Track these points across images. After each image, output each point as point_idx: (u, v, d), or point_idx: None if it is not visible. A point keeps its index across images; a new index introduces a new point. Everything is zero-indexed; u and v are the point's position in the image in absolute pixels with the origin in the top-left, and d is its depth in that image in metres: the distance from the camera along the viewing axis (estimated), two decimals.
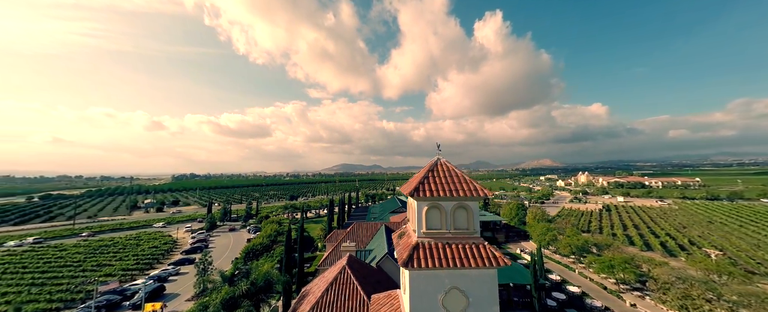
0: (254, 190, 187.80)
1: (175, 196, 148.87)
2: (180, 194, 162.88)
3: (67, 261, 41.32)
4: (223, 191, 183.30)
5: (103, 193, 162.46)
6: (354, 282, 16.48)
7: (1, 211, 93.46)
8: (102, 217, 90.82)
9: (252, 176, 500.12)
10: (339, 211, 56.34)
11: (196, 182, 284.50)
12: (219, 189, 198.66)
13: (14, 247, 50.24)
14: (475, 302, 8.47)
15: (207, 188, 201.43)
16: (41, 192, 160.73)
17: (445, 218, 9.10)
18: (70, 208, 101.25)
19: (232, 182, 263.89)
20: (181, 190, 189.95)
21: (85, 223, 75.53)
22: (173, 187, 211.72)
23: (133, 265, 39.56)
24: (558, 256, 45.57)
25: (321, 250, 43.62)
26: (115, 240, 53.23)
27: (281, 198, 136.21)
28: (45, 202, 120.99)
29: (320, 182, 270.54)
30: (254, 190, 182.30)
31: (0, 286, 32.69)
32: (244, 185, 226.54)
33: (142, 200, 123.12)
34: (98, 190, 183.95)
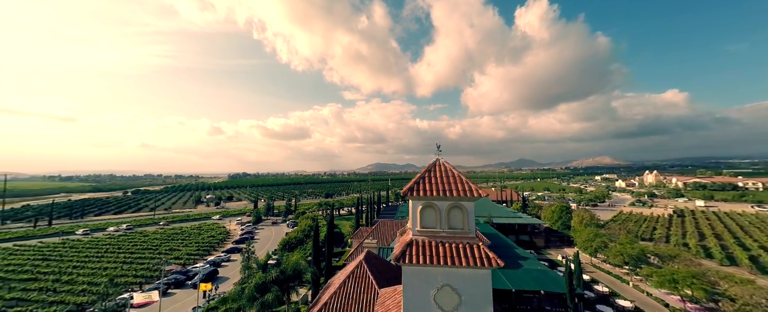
0: (294, 188, 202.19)
1: (230, 192, 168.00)
2: (234, 191, 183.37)
3: (148, 245, 50.09)
4: (268, 189, 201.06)
5: (176, 189, 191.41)
6: (369, 276, 17.28)
7: (105, 203, 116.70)
8: (174, 209, 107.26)
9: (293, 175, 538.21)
10: (367, 209, 58.01)
11: (247, 180, 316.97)
12: (265, 186, 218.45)
13: (113, 232, 62.60)
14: (467, 300, 8.54)
15: (255, 186, 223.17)
16: (133, 188, 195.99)
17: (439, 217, 9.29)
18: (152, 202, 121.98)
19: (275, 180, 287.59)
20: (235, 187, 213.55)
21: (162, 215, 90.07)
22: (229, 184, 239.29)
23: (195, 251, 46.26)
24: (609, 266, 40.67)
25: (350, 245, 45.64)
26: (183, 229, 62.66)
27: (318, 195, 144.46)
28: (135, 197, 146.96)
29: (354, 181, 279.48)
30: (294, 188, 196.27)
31: (102, 261, 41.30)
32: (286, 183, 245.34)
33: (204, 196, 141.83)
34: (172, 186, 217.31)
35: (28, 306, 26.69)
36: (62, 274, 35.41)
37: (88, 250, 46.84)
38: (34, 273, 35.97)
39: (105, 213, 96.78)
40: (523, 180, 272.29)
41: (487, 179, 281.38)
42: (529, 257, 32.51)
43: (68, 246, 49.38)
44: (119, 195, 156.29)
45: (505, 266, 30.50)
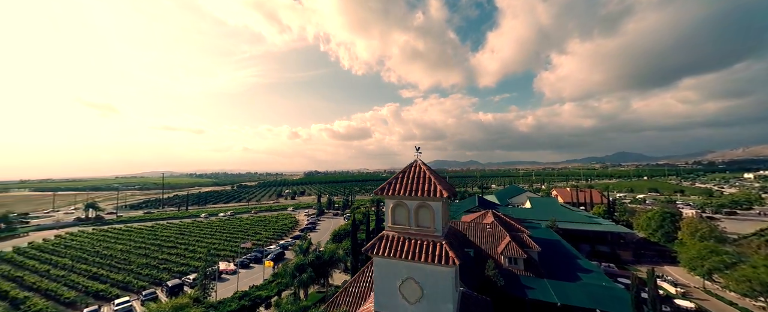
0: (356, 184, 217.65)
1: (303, 188, 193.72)
2: (306, 187, 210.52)
3: (242, 228, 63.62)
4: (333, 185, 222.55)
5: (266, 185, 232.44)
6: None
7: (219, 194, 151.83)
8: (263, 201, 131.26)
9: (356, 173, 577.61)
10: None
11: (317, 177, 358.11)
12: (331, 183, 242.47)
13: (222, 217, 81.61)
14: (429, 295, 8.90)
15: (323, 182, 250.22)
16: (237, 183, 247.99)
17: (409, 215, 9.82)
18: (248, 194, 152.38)
19: (340, 177, 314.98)
20: (307, 183, 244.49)
21: (254, 205, 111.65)
22: (303, 181, 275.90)
23: (272, 235, 56.37)
24: (733, 294, 30.38)
25: None
26: (266, 217, 76.68)
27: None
28: (238, 190, 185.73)
29: None
30: (356, 185, 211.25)
31: (213, 237, 54.81)
32: (349, 180, 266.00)
33: (283, 191, 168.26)
34: (263, 182, 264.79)
35: (169, 265, 38.46)
36: (189, 245, 49.02)
37: (207, 229, 62.84)
38: (175, 242, 50.92)
39: (219, 202, 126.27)
40: (620, 178, 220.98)
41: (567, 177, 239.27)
42: (595, 271, 27.51)
43: (195, 225, 67.30)
44: (229, 189, 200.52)
45: (559, 278, 26.83)
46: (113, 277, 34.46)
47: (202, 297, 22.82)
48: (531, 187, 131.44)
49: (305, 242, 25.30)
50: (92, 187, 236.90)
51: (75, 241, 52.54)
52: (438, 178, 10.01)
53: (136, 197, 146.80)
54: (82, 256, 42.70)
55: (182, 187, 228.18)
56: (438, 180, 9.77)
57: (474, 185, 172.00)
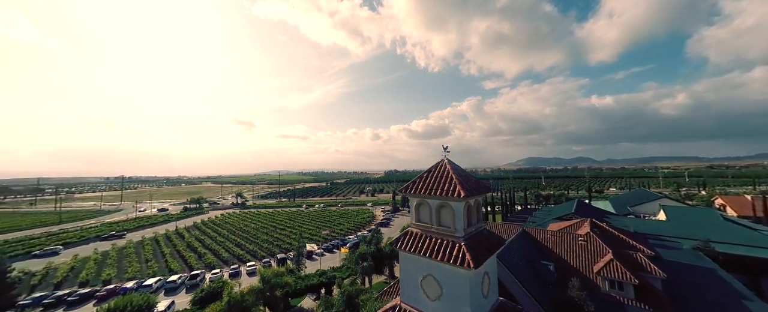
0: None
1: (383, 186, 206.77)
2: (385, 185, 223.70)
3: (329, 218, 74.68)
4: None
5: (352, 182, 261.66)
6: None
7: (316, 190, 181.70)
8: (349, 196, 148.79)
9: None
10: (502, 209, 53.33)
11: (396, 176, 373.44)
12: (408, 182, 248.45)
13: (317, 208, 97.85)
14: (447, 294, 8.75)
15: (402, 181, 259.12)
16: (330, 181, 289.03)
17: (430, 214, 9.86)
18: (338, 190, 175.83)
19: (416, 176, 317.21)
20: (387, 181, 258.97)
21: (341, 200, 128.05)
22: (383, 179, 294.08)
23: (352, 227, 63.73)
24: None
25: None
26: (349, 211, 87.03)
27: None
28: (331, 187, 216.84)
29: (493, 178, 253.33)
30: None
31: (310, 224, 66.84)
32: None
33: (365, 188, 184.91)
34: (350, 180, 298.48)
35: (279, 242, 49.83)
36: (294, 229, 61.70)
37: (305, 217, 77.22)
38: (284, 225, 65.13)
39: (316, 196, 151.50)
40: None
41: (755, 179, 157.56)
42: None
43: (298, 213, 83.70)
44: (324, 185, 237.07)
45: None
46: (247, 246, 47.72)
47: (296, 270, 28.87)
48: (677, 193, 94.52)
49: (369, 235, 27.92)
50: (240, 181, 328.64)
51: (230, 219, 75.16)
52: (461, 179, 9.66)
53: (264, 190, 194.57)
54: (231, 229, 60.83)
55: (292, 183, 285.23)
56: (460, 180, 9.45)
57: (579, 187, 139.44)
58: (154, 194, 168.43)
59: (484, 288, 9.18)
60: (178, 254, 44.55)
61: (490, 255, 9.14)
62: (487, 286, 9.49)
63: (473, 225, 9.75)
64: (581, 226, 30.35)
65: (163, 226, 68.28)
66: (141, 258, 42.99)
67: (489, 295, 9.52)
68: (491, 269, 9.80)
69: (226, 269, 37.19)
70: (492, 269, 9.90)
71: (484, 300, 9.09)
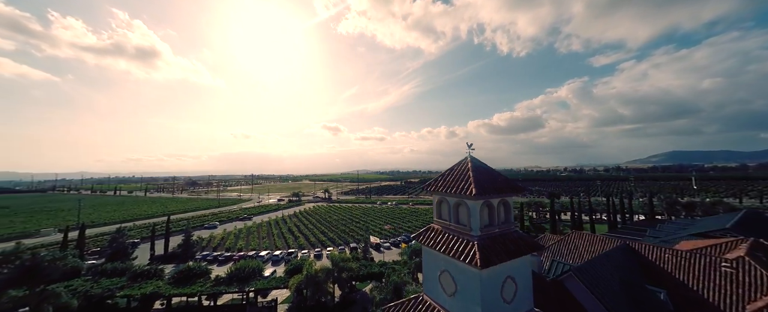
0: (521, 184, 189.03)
1: None
2: None
3: (399, 215, 77.80)
4: None
5: (425, 181, 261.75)
6: None
7: (390, 188, 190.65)
8: (421, 195, 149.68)
9: (522, 171, 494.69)
10: (609, 217, 43.44)
11: None
12: None
13: (390, 205, 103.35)
14: (461, 291, 8.71)
15: None
16: (405, 179, 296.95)
17: (449, 211, 9.87)
18: (411, 189, 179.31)
19: None
20: None
21: (412, 199, 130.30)
22: None
23: (419, 225, 64.62)
24: None
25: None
26: (418, 209, 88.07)
27: (541, 194, 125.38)
28: (405, 185, 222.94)
29: (610, 179, 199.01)
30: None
31: (381, 220, 71.77)
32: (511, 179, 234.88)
33: None
34: (424, 179, 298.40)
35: (353, 233, 56.02)
36: (366, 223, 67.84)
37: (377, 213, 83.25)
38: (359, 218, 72.36)
39: (390, 194, 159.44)
40: None
41: None
42: None
43: (372, 209, 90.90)
44: (398, 184, 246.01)
45: None
46: (329, 234, 55.95)
47: (362, 258, 32.37)
48: None
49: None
50: (329, 179, 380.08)
51: (318, 210, 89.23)
52: (479, 178, 9.35)
53: (347, 187, 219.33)
54: (319, 219, 72.28)
55: (370, 181, 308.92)
56: (476, 179, 9.19)
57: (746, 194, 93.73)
58: (270, 188, 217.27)
59: (505, 293, 8.73)
60: (281, 236, 56.84)
61: (510, 258, 8.61)
62: (512, 293, 8.94)
63: (495, 225, 9.37)
64: (734, 248, 21.97)
65: (274, 213, 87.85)
66: (259, 235, 57.17)
67: (514, 303, 8.93)
68: (519, 275, 9.15)
69: (312, 251, 45.03)
70: (522, 276, 9.20)
71: (505, 306, 8.67)
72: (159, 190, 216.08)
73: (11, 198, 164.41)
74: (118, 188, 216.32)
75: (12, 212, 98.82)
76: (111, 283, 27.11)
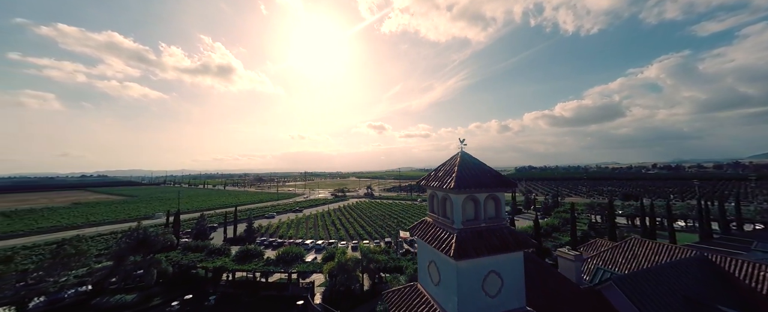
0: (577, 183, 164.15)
1: None
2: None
3: None
4: (548, 183, 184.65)
5: None
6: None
7: None
8: None
9: (594, 168, 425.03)
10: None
11: (530, 173, 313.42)
12: (545, 180, 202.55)
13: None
14: (443, 281, 9.08)
15: (536, 179, 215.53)
16: None
17: (437, 205, 10.17)
18: None
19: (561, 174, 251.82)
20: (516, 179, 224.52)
21: None
22: (513, 176, 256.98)
23: None
24: None
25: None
26: None
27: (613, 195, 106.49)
28: None
29: (727, 178, 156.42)
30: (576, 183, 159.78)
31: (415, 217, 71.90)
32: (576, 178, 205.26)
33: None
34: None
35: (389, 228, 57.65)
36: (403, 219, 68.82)
37: (416, 209, 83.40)
38: (397, 215, 73.76)
39: None
40: None
41: None
42: None
43: (411, 206, 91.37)
44: None
45: None
46: (367, 228, 58.87)
47: (392, 251, 33.61)
48: None
49: None
50: (374, 176, 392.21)
51: (360, 206, 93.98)
52: (465, 173, 9.48)
53: (390, 184, 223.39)
54: (360, 214, 76.33)
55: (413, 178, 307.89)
56: (459, 174, 9.35)
57: None
58: (320, 185, 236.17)
59: (487, 286, 8.88)
60: (325, 227, 62.20)
61: (492, 253, 8.69)
62: (497, 288, 9.00)
63: (481, 220, 9.50)
64: None
65: (321, 207, 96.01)
66: (307, 226, 63.67)
67: (500, 298, 8.99)
68: (506, 271, 9.14)
69: (350, 242, 48.29)
70: (509, 272, 9.15)
71: (488, 299, 8.85)
72: (234, 185, 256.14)
73: (138, 189, 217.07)
74: (205, 183, 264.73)
75: (138, 200, 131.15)
76: (194, 256, 34.44)
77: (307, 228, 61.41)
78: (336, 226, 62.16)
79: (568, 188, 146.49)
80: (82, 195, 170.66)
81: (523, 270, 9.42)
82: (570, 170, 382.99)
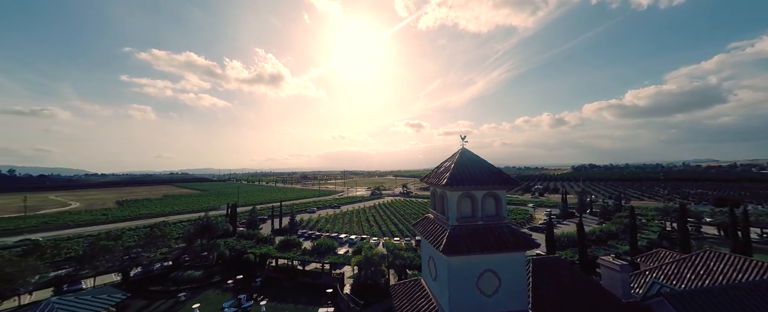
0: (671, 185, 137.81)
1: (562, 184, 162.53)
2: (567, 183, 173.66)
3: None
4: (613, 184, 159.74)
5: (521, 179, 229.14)
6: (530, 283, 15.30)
7: None
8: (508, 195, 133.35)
9: (679, 166, 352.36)
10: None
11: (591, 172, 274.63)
12: (610, 181, 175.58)
13: None
14: (439, 275, 9.18)
15: (598, 179, 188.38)
16: None
17: (436, 201, 10.26)
18: None
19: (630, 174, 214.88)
20: (571, 179, 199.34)
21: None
22: (566, 176, 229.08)
23: None
24: None
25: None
26: None
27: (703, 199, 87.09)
28: None
29: None
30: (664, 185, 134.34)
31: None
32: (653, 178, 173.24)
33: (534, 186, 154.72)
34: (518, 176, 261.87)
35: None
36: None
37: None
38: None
39: None
40: None
41: None
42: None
43: None
44: None
45: None
46: (399, 225, 59.55)
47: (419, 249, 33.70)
48: None
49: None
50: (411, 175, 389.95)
51: (395, 204, 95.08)
52: (461, 169, 9.44)
53: None
54: (394, 212, 77.42)
55: None
56: (454, 171, 9.34)
57: None
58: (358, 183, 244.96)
59: (483, 285, 8.89)
60: (359, 223, 64.85)
61: (486, 251, 8.65)
62: (494, 287, 8.93)
63: (479, 218, 9.48)
64: None
65: (358, 204, 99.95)
66: (343, 221, 67.26)
67: (497, 297, 8.92)
68: (505, 270, 9.03)
69: (382, 238, 49.61)
70: (508, 272, 9.01)
71: (484, 298, 8.88)
72: (283, 182, 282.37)
73: (209, 185, 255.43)
74: (259, 180, 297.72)
75: (208, 194, 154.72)
76: (246, 243, 39.71)
77: (343, 223, 64.84)
78: (369, 223, 64.27)
79: (640, 190, 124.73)
80: (170, 189, 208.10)
81: (525, 272, 9.01)
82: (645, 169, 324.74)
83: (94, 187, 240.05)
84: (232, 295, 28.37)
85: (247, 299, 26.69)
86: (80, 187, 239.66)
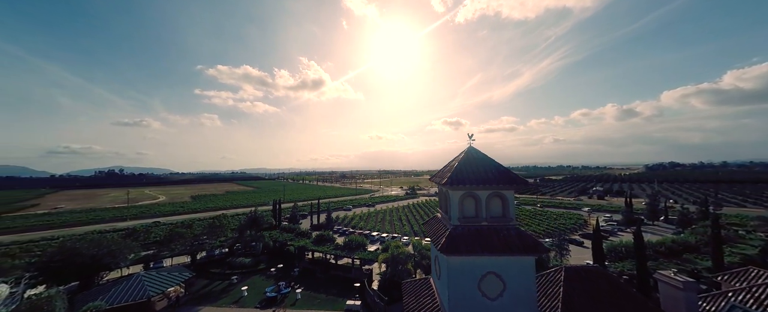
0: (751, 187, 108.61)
1: (631, 186, 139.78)
2: (637, 185, 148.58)
3: (522, 216, 67.40)
4: (709, 186, 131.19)
5: (575, 179, 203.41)
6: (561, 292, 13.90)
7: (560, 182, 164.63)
8: (558, 196, 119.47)
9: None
10: None
11: (672, 173, 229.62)
12: (697, 183, 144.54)
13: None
14: (442, 275, 9.09)
15: (679, 181, 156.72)
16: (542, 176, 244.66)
17: (440, 200, 10.12)
18: (546, 188, 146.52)
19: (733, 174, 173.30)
20: (643, 181, 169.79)
21: (541, 199, 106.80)
22: (638, 177, 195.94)
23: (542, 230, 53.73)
24: None
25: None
26: (548, 212, 72.17)
27: None
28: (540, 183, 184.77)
29: None
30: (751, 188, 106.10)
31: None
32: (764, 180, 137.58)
33: (594, 188, 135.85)
34: (572, 176, 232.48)
35: None
36: None
37: None
38: None
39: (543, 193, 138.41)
40: None
41: None
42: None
43: None
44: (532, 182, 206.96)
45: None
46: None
47: None
48: None
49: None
50: None
51: (429, 204, 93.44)
52: (464, 168, 9.23)
53: None
54: (428, 212, 76.31)
55: None
56: (456, 170, 9.17)
57: None
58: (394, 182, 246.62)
59: (485, 287, 8.73)
60: (392, 222, 65.61)
61: (486, 253, 8.41)
62: (497, 290, 8.69)
63: (482, 218, 9.29)
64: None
65: (392, 203, 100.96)
66: (376, 219, 68.86)
67: (501, 301, 8.67)
68: (510, 274, 8.75)
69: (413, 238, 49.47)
70: (514, 275, 8.71)
71: (486, 301, 8.75)
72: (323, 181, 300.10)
73: (261, 183, 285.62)
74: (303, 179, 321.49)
75: (260, 191, 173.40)
76: (287, 236, 43.72)
77: (376, 221, 66.38)
78: (401, 222, 64.54)
79: (742, 195, 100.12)
80: (232, 186, 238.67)
81: (534, 277, 8.42)
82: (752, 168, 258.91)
83: (176, 183, 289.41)
84: (274, 281, 31.62)
85: (285, 286, 29.48)
86: (167, 183, 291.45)
